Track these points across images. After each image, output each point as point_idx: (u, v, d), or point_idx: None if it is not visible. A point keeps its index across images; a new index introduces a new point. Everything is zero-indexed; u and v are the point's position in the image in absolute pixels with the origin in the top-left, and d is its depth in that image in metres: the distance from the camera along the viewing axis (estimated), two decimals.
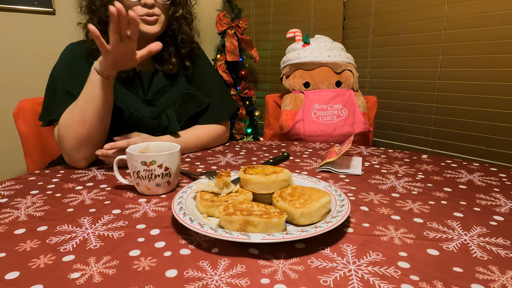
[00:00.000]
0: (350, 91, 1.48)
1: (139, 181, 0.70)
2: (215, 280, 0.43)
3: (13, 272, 0.45)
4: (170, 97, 1.04)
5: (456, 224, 0.58)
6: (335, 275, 0.45)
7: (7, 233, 0.56)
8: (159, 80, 1.04)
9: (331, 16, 2.13)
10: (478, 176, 0.83)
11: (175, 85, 1.06)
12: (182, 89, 1.06)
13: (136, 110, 0.97)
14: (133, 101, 0.98)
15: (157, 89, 1.03)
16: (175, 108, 1.03)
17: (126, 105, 0.96)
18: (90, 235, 0.55)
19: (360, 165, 0.89)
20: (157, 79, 1.04)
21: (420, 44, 1.77)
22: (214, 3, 2.58)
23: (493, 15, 1.52)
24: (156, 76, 1.05)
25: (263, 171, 0.65)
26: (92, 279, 0.44)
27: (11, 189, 0.74)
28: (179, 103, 1.04)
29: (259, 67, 2.61)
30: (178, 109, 1.03)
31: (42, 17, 1.85)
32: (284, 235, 0.48)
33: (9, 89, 1.78)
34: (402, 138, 1.93)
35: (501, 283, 0.43)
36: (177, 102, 1.04)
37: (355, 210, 0.64)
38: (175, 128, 1.01)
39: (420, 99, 1.81)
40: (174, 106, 1.03)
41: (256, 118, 2.55)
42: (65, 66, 0.95)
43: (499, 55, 1.53)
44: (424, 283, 0.43)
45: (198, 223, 0.52)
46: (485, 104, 1.60)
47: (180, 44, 1.04)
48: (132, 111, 0.96)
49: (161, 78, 1.05)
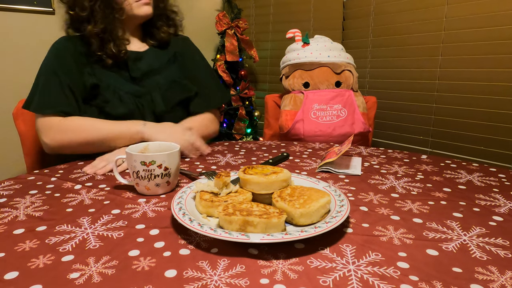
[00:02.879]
0: (349, 91, 1.48)
1: (138, 181, 0.70)
2: (215, 280, 0.43)
3: (12, 272, 0.45)
4: (157, 81, 1.06)
5: (455, 225, 0.59)
6: (334, 275, 0.45)
7: (6, 233, 0.55)
8: (149, 61, 1.07)
9: (331, 16, 2.14)
10: (478, 176, 0.83)
11: (164, 71, 1.09)
12: (171, 76, 1.09)
13: (117, 87, 1.00)
14: (115, 80, 1.01)
15: (146, 70, 1.06)
16: (161, 91, 1.05)
17: (107, 83, 0.99)
18: (89, 235, 0.55)
19: (360, 165, 0.89)
20: (147, 58, 1.07)
21: (419, 45, 1.77)
22: (214, 3, 2.58)
23: (493, 15, 1.53)
24: (147, 56, 1.08)
25: (262, 171, 0.65)
26: (92, 279, 0.44)
27: (10, 189, 0.74)
28: (165, 88, 1.06)
29: (259, 67, 2.61)
30: (164, 93, 1.05)
31: (42, 17, 1.85)
32: (284, 235, 0.48)
33: (8, 89, 1.78)
34: (402, 138, 1.93)
35: (500, 284, 0.43)
36: (163, 87, 1.06)
37: (355, 210, 0.64)
38: (160, 108, 1.02)
39: (420, 100, 1.82)
40: (160, 90, 1.05)
41: (255, 118, 2.55)
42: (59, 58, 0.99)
43: (499, 55, 1.53)
44: (424, 283, 0.43)
45: (198, 223, 0.52)
46: (484, 105, 1.60)
47: (169, 15, 1.13)
48: (113, 87, 0.99)
49: (152, 59, 1.08)
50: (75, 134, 0.93)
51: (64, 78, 0.96)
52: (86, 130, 0.93)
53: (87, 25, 0.97)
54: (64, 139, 0.93)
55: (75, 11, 0.97)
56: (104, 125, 0.94)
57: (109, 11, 0.98)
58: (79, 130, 0.93)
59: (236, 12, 2.41)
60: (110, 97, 0.98)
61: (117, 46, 0.99)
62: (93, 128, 0.93)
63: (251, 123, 2.51)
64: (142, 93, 1.03)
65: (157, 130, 0.95)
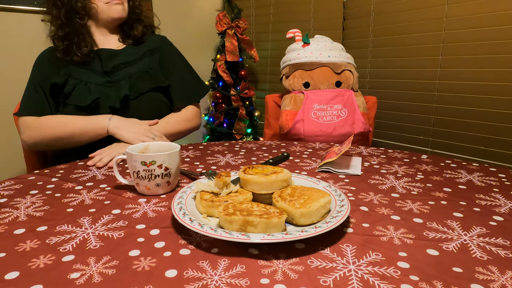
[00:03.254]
0: (350, 91, 1.48)
1: (139, 181, 0.70)
2: (215, 280, 0.43)
3: (13, 272, 0.45)
4: (128, 71, 1.09)
5: (455, 224, 0.59)
6: (335, 275, 0.45)
7: (6, 233, 0.56)
8: (123, 57, 1.12)
9: (331, 16, 2.14)
10: (478, 176, 0.83)
11: (138, 63, 1.12)
12: (144, 67, 1.12)
13: (89, 82, 1.04)
14: (87, 75, 1.06)
15: (117, 63, 1.10)
16: (130, 80, 1.08)
17: (79, 79, 1.04)
18: (90, 235, 0.55)
19: (360, 165, 0.89)
20: (121, 55, 1.12)
21: (420, 44, 1.77)
22: (214, 3, 2.58)
23: (492, 15, 1.53)
24: (122, 53, 1.12)
25: (263, 171, 0.65)
26: (92, 279, 0.44)
27: (11, 189, 0.74)
28: (135, 77, 1.09)
29: (259, 67, 2.61)
30: (133, 82, 1.08)
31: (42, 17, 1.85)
32: (284, 235, 0.48)
33: (8, 89, 1.78)
34: (402, 138, 1.93)
35: (500, 283, 0.43)
36: (134, 76, 1.09)
37: (355, 210, 0.64)
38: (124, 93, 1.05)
39: (420, 99, 1.82)
40: (130, 79, 1.08)
41: (256, 118, 2.55)
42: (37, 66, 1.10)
43: (499, 55, 1.53)
44: (424, 283, 0.43)
45: (198, 223, 0.52)
46: (484, 104, 1.60)
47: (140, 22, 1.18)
48: (84, 82, 1.04)
49: (127, 56, 1.12)
50: (46, 130, 1.01)
51: (38, 82, 1.05)
52: (55, 127, 1.00)
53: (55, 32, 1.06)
54: (37, 136, 1.01)
55: (50, 20, 1.08)
56: (72, 120, 1.00)
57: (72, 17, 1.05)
58: (49, 126, 1.01)
59: (236, 12, 2.41)
60: (80, 90, 1.03)
61: (79, 48, 1.05)
62: (62, 124, 1.00)
63: (251, 123, 2.51)
64: (111, 83, 1.07)
65: (121, 125, 1.00)
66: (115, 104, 1.04)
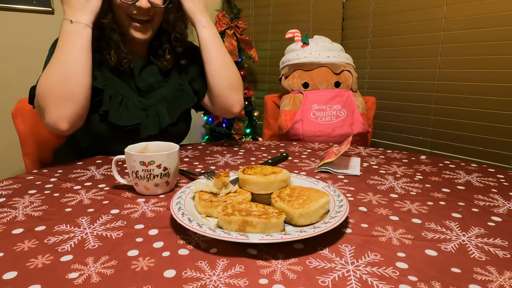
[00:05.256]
0: (349, 91, 1.48)
1: (137, 181, 0.70)
2: (214, 281, 0.43)
3: (11, 272, 0.45)
4: (161, 93, 1.05)
5: (454, 225, 0.59)
6: (333, 275, 0.45)
7: (4, 232, 0.55)
8: (152, 72, 1.05)
9: (330, 16, 2.14)
10: (476, 177, 0.83)
11: (168, 82, 1.07)
12: (175, 85, 1.07)
13: (126, 97, 0.98)
14: (123, 88, 0.99)
15: (151, 82, 1.04)
16: (166, 103, 1.04)
17: (115, 91, 0.96)
18: (88, 235, 0.55)
19: (359, 166, 0.89)
20: (150, 69, 1.05)
21: (419, 45, 1.77)
22: (213, 3, 2.58)
23: (491, 16, 1.53)
24: (150, 66, 1.05)
25: (262, 172, 0.65)
26: (90, 279, 0.44)
27: (9, 189, 0.74)
28: (170, 99, 1.05)
29: (258, 68, 2.61)
30: (169, 105, 1.04)
31: (41, 17, 1.85)
32: (283, 236, 0.48)
33: (7, 88, 1.78)
34: (401, 138, 1.93)
35: (499, 284, 0.43)
36: (168, 98, 1.04)
37: (354, 210, 0.64)
38: (165, 122, 1.01)
39: (419, 100, 1.82)
40: (166, 101, 1.04)
41: (255, 118, 2.55)
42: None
43: (498, 56, 1.53)
44: (422, 284, 0.43)
45: (197, 223, 0.52)
46: (483, 105, 1.60)
47: (174, 42, 1.05)
48: (121, 97, 0.97)
49: (155, 71, 1.05)
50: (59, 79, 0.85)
51: None
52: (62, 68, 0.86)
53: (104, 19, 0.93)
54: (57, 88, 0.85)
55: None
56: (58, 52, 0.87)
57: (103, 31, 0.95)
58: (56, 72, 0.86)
59: (236, 12, 2.41)
60: (116, 106, 0.95)
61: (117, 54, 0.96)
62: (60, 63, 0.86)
63: (250, 123, 2.50)
64: (148, 106, 1.01)
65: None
66: (154, 131, 1.00)
